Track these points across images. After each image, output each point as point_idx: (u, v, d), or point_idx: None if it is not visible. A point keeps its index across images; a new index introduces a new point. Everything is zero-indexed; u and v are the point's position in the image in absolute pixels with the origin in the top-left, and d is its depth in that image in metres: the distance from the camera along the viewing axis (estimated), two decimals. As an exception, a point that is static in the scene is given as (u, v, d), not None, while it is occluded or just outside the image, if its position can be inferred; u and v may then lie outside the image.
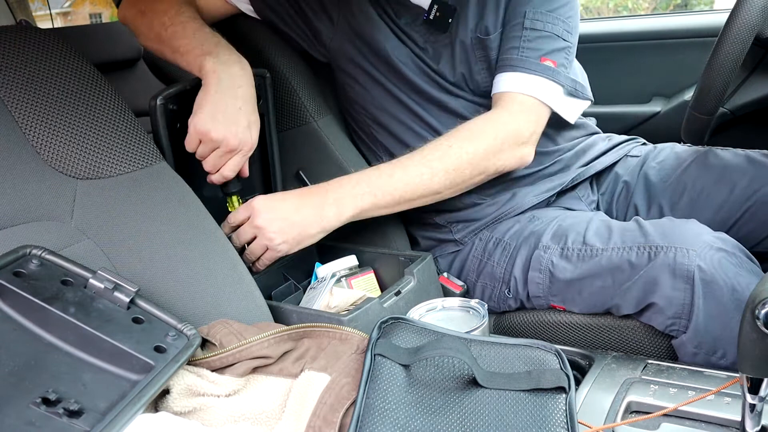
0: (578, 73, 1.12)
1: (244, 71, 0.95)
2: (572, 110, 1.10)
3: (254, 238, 0.97)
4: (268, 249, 0.97)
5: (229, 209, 1.02)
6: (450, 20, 1.08)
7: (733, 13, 0.99)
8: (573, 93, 1.08)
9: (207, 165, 0.95)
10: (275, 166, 1.15)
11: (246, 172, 1.00)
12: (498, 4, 1.07)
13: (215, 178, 0.97)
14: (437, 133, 1.10)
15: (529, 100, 1.03)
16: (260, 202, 0.97)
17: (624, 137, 1.27)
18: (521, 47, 1.04)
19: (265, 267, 1.01)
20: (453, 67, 1.10)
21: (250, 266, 1.01)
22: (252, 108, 0.95)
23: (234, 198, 1.03)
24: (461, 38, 1.08)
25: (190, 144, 0.94)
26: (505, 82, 1.05)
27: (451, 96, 1.12)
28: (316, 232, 0.97)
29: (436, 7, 1.08)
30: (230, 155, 0.94)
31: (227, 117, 0.92)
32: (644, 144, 1.27)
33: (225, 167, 0.95)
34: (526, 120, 1.03)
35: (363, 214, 0.99)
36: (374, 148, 1.22)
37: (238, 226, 0.98)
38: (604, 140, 1.24)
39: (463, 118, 1.08)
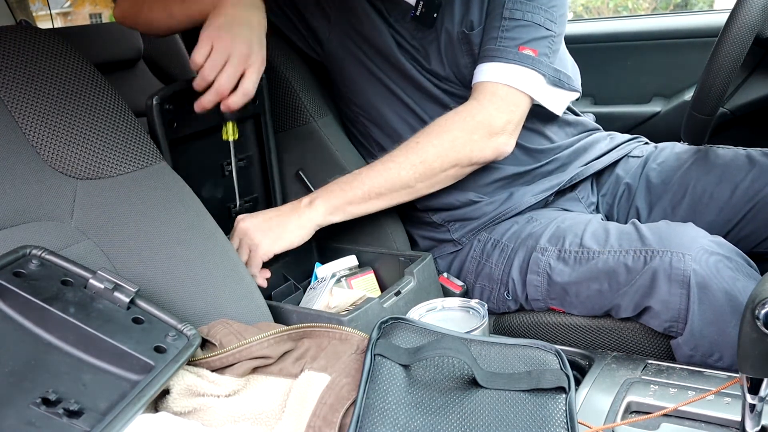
0: (568, 66, 1.12)
1: (259, 8, 0.94)
2: (557, 101, 1.09)
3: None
4: (251, 252, 0.99)
5: (224, 137, 0.97)
6: (435, 15, 1.08)
7: (733, 13, 0.99)
8: (557, 83, 1.07)
9: (220, 81, 0.88)
10: (273, 166, 1.15)
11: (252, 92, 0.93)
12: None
13: (235, 99, 0.89)
14: None
15: (502, 89, 1.02)
16: (242, 216, 1.02)
17: (626, 136, 1.26)
18: (499, 37, 1.03)
19: (259, 271, 1.01)
20: (442, 63, 1.10)
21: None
22: (262, 38, 0.92)
23: (230, 124, 0.98)
24: (447, 33, 1.08)
25: (198, 54, 0.88)
26: (481, 73, 1.04)
27: (444, 92, 1.12)
28: (294, 227, 0.99)
29: (421, 3, 1.08)
30: (242, 66, 0.89)
31: (241, 29, 0.89)
32: (646, 143, 1.27)
33: (246, 80, 0.89)
34: (497, 109, 1.02)
35: (337, 210, 1.02)
36: (369, 147, 1.22)
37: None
38: (605, 139, 1.24)
39: None
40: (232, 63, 0.88)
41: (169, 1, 0.99)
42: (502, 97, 1.02)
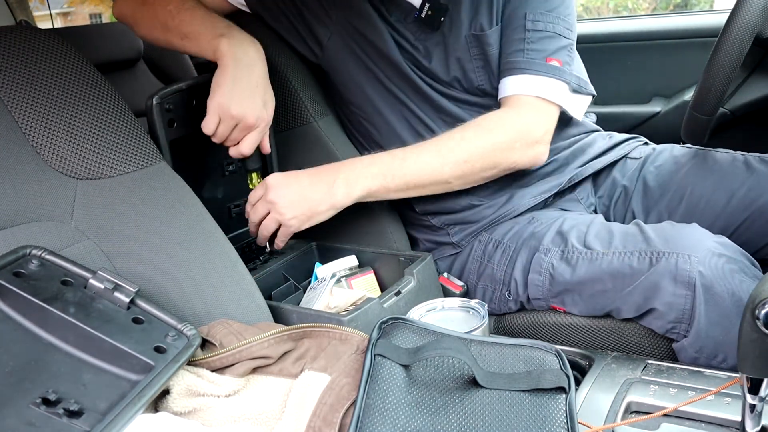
0: (582, 70, 1.13)
1: (258, 51, 0.99)
2: (579, 106, 1.12)
3: (268, 214, 1.01)
4: (281, 225, 1.00)
5: (249, 186, 1.05)
6: (442, 19, 1.08)
7: (733, 13, 0.99)
8: (577, 89, 1.09)
9: (229, 141, 0.98)
10: (273, 166, 1.15)
11: (267, 149, 1.05)
12: (492, 2, 1.07)
13: (233, 153, 1.00)
14: (433, 133, 1.10)
15: (537, 101, 1.05)
16: (274, 178, 1.01)
17: (625, 136, 1.26)
18: (526, 49, 1.05)
19: (284, 244, 1.04)
20: (446, 66, 1.10)
21: (268, 245, 1.06)
22: (266, 86, 1.00)
23: (254, 175, 1.05)
24: (455, 37, 1.08)
25: (208, 124, 0.96)
26: (512, 85, 1.06)
27: (443, 96, 1.12)
28: (325, 209, 1.00)
29: (428, 5, 1.08)
30: (248, 131, 0.98)
31: (245, 94, 0.96)
32: (645, 144, 1.27)
33: (243, 144, 0.98)
34: (535, 120, 1.05)
35: (372, 195, 1.02)
36: (369, 148, 1.21)
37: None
38: (604, 138, 1.23)
39: (457, 118, 1.09)
40: (238, 129, 0.98)
41: (168, 31, 1.03)
42: (538, 108, 1.05)
